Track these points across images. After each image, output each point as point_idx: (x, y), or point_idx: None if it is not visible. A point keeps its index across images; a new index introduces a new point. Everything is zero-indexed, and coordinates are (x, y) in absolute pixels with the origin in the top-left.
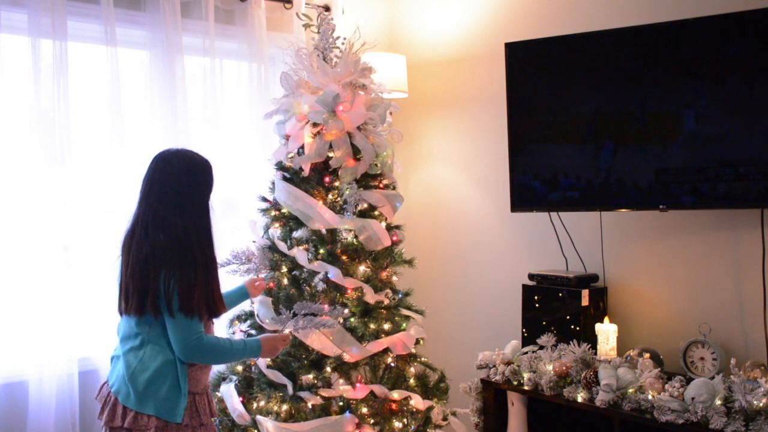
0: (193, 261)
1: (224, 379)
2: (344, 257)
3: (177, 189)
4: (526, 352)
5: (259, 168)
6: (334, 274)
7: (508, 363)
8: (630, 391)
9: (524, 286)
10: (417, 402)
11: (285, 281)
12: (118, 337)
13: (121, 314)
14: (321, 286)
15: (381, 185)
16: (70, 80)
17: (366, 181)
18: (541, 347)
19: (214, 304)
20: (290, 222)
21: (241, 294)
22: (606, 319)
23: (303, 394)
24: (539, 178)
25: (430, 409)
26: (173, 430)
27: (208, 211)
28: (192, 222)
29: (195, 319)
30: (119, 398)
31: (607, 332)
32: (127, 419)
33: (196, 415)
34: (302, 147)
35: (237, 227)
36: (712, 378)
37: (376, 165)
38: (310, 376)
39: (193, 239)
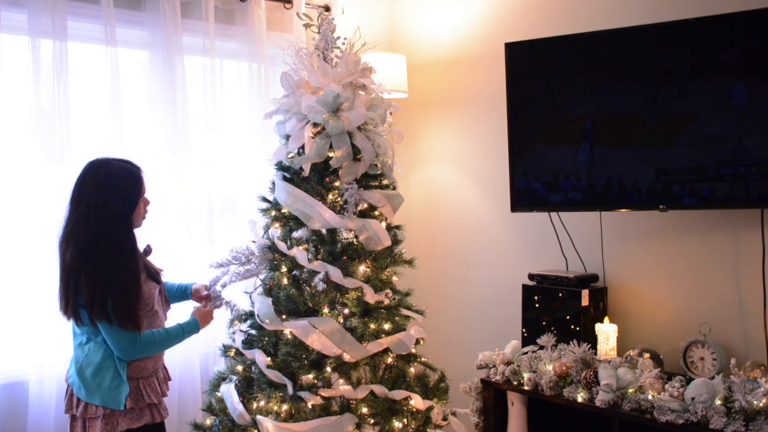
0: (99, 273)
1: (224, 379)
2: (344, 257)
3: (94, 201)
4: (526, 352)
5: (259, 168)
6: (334, 274)
7: (508, 363)
8: (630, 391)
9: (524, 286)
10: (417, 402)
11: (285, 281)
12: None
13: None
14: (321, 286)
15: (381, 185)
16: (70, 80)
17: (366, 181)
18: (541, 347)
19: (129, 315)
20: (290, 222)
21: (182, 291)
22: (606, 319)
23: (303, 394)
24: (540, 180)
25: (430, 409)
26: (120, 415)
27: (122, 225)
28: (100, 235)
29: (123, 328)
30: (74, 390)
31: (607, 332)
32: (79, 409)
33: (141, 398)
34: (302, 147)
35: (237, 227)
36: (712, 378)
37: (376, 165)
38: (310, 376)
39: (99, 252)
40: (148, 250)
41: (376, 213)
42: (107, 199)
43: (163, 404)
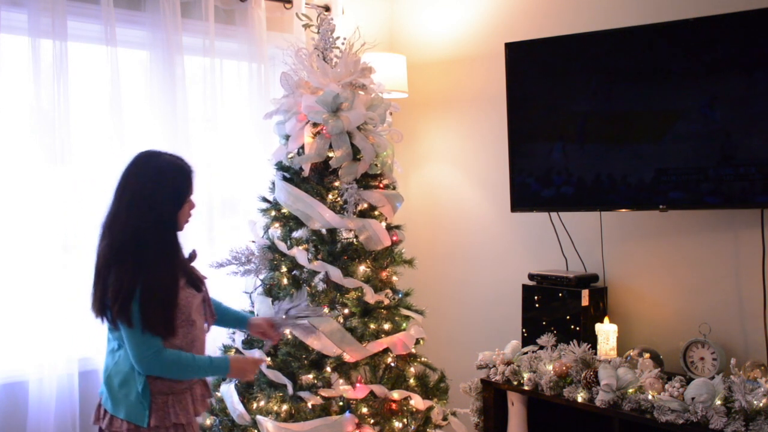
0: (133, 269)
1: (224, 380)
2: (344, 257)
3: (139, 194)
4: (526, 352)
5: (259, 168)
6: (334, 274)
7: (508, 363)
8: (630, 391)
9: (524, 286)
10: (417, 402)
11: (285, 281)
12: None
13: None
14: (321, 286)
15: (381, 185)
16: (70, 80)
17: (366, 181)
18: (541, 347)
19: (163, 319)
20: (290, 222)
21: (238, 320)
22: (606, 319)
23: (303, 394)
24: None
25: (430, 409)
26: None
27: (166, 222)
28: (140, 229)
29: (147, 334)
30: (102, 399)
31: (607, 332)
32: (105, 421)
33: (167, 416)
34: (302, 147)
35: (237, 227)
36: (712, 378)
37: (376, 165)
38: (310, 376)
39: (136, 246)
40: (193, 256)
41: (376, 213)
42: (153, 192)
43: (195, 425)
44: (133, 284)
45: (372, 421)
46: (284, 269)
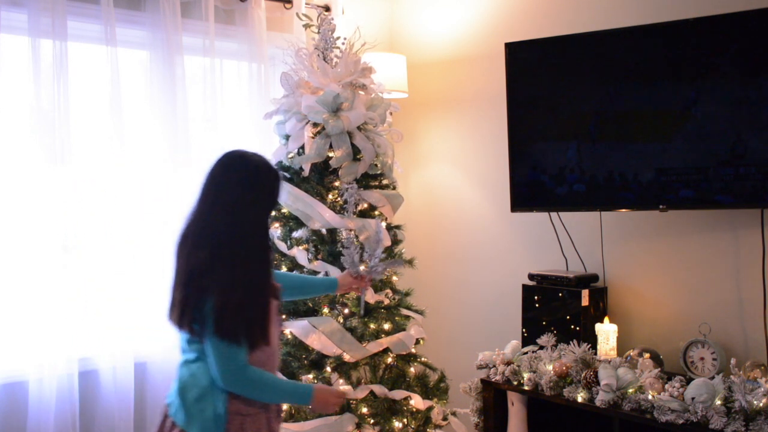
0: (234, 280)
1: None
2: None
3: (234, 200)
4: (526, 352)
5: None
6: (334, 274)
7: (508, 363)
8: (630, 391)
9: (524, 286)
10: (417, 402)
11: None
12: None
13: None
14: None
15: (381, 185)
16: (70, 80)
17: (366, 181)
18: (541, 347)
19: (252, 331)
20: (290, 222)
21: (328, 285)
22: (606, 319)
23: None
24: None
25: (430, 409)
26: None
27: (262, 227)
28: (241, 237)
29: (233, 346)
30: (170, 411)
31: (607, 332)
32: None
33: None
34: (302, 147)
35: None
36: (712, 378)
37: (376, 165)
38: (310, 376)
39: (238, 256)
40: None
41: (376, 213)
42: (252, 196)
43: None
44: (235, 296)
45: (372, 421)
46: (284, 269)
